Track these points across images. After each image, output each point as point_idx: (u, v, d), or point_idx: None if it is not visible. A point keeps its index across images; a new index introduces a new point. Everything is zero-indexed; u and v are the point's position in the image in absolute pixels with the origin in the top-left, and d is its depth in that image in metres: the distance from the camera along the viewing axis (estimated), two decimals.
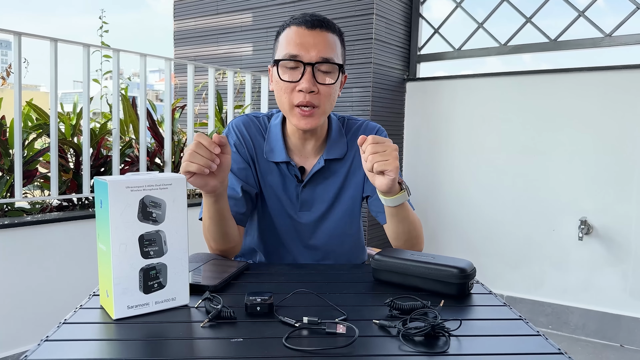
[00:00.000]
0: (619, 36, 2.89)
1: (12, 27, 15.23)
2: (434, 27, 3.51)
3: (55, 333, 0.77)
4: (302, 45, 1.18)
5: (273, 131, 1.32)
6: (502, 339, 0.80)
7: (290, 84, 1.19)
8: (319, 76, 1.19)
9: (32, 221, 2.22)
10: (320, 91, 1.19)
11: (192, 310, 0.87)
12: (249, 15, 3.74)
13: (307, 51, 1.17)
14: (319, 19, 1.21)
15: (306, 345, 0.74)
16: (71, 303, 1.17)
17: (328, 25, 1.21)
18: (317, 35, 1.19)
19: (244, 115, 1.35)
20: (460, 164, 3.37)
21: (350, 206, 1.34)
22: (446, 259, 1.01)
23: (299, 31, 1.19)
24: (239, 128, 1.32)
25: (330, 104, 1.23)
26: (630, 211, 2.81)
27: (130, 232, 0.82)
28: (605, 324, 2.87)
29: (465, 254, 3.32)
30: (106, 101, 3.25)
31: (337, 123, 1.35)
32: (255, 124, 1.34)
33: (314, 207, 1.31)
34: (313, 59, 1.17)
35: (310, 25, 1.19)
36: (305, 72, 1.17)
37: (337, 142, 1.32)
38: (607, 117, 2.86)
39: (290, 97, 1.20)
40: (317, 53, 1.17)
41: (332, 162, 1.31)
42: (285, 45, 1.20)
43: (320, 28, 1.19)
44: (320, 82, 1.19)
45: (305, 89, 1.17)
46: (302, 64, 1.17)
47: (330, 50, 1.19)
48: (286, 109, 1.22)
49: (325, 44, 1.19)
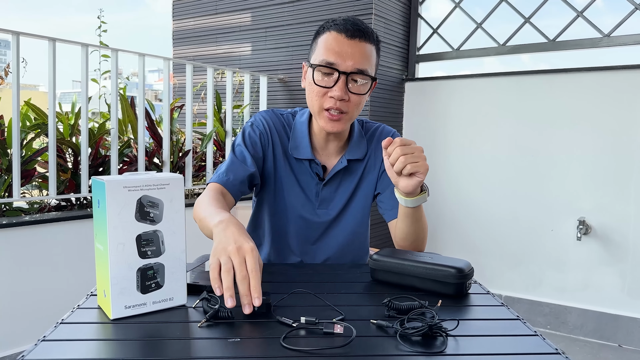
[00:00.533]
0: (618, 36, 2.90)
1: (10, 26, 15.27)
2: (433, 27, 3.51)
3: (53, 333, 0.77)
4: (340, 54, 1.19)
5: (299, 129, 1.34)
6: (499, 339, 0.80)
7: (323, 89, 1.22)
8: (352, 85, 1.21)
9: (30, 221, 2.21)
10: (350, 99, 1.22)
11: (189, 310, 0.87)
12: (248, 15, 3.74)
13: (344, 60, 1.19)
14: (360, 28, 1.22)
15: (304, 345, 0.74)
16: (69, 303, 1.17)
17: (367, 35, 1.23)
18: (355, 45, 1.20)
19: (270, 111, 1.38)
20: (458, 163, 3.37)
21: (363, 204, 1.37)
22: (444, 259, 1.02)
23: (339, 38, 1.21)
24: (266, 120, 1.34)
25: (358, 111, 1.27)
26: (629, 211, 2.81)
27: (128, 232, 0.82)
28: (603, 323, 2.87)
29: (463, 253, 3.32)
30: (105, 101, 3.25)
31: (358, 125, 1.40)
32: (280, 120, 1.36)
33: (331, 205, 1.35)
34: (349, 69, 1.19)
35: (350, 35, 1.20)
36: (340, 80, 1.20)
37: (359, 143, 1.36)
38: (606, 117, 2.87)
39: (321, 101, 1.23)
40: (354, 64, 1.19)
41: (353, 162, 1.35)
42: (324, 51, 1.21)
43: (360, 38, 1.21)
44: (353, 91, 1.21)
45: (337, 96, 1.20)
46: (338, 72, 1.20)
47: (366, 62, 1.22)
48: (315, 111, 1.25)
49: (362, 55, 1.21)
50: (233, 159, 1.29)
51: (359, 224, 1.39)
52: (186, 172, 2.98)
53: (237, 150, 1.30)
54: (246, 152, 1.29)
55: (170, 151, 2.88)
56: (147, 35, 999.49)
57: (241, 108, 3.46)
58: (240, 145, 1.31)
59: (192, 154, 3.01)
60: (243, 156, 1.28)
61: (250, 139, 1.31)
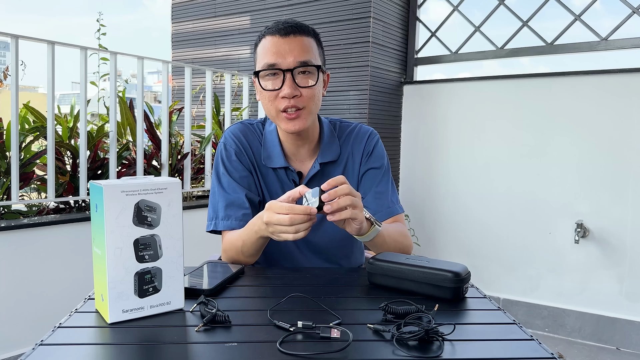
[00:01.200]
0: (615, 40, 2.91)
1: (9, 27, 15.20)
2: (431, 31, 3.52)
3: (50, 337, 0.77)
4: (279, 53, 1.20)
5: (269, 137, 1.34)
6: (495, 344, 0.81)
7: (273, 92, 1.22)
8: (300, 80, 1.21)
9: (29, 224, 2.21)
10: (302, 94, 1.22)
11: (187, 314, 0.88)
12: (247, 18, 3.75)
13: (284, 58, 1.20)
14: (292, 24, 1.23)
15: (300, 350, 0.74)
16: (66, 306, 1.17)
17: (301, 29, 1.23)
18: (292, 41, 1.21)
19: (239, 123, 1.37)
20: (457, 166, 3.38)
21: None
22: (441, 263, 1.02)
23: (274, 40, 1.22)
24: (237, 136, 1.34)
25: (315, 105, 1.25)
26: (626, 214, 2.82)
27: (126, 236, 0.82)
28: (601, 326, 2.88)
29: (461, 256, 3.32)
30: (103, 103, 3.25)
31: (329, 126, 1.37)
32: (251, 131, 1.36)
33: None
34: (291, 65, 1.20)
35: (284, 33, 1.21)
36: (286, 78, 1.20)
37: (330, 145, 1.34)
38: (603, 120, 2.88)
39: (275, 104, 1.22)
40: (294, 58, 1.20)
41: (327, 165, 1.33)
42: (263, 56, 1.22)
43: (294, 34, 1.22)
44: (302, 85, 1.21)
45: (288, 94, 1.20)
46: (282, 71, 1.20)
47: (307, 54, 1.22)
48: (273, 116, 1.25)
49: (301, 48, 1.21)
50: (227, 198, 1.29)
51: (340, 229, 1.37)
52: (185, 174, 2.98)
53: (226, 184, 1.30)
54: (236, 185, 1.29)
55: (169, 154, 2.89)
56: (146, 37, 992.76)
57: (240, 111, 3.47)
58: (224, 175, 1.31)
59: (190, 157, 3.01)
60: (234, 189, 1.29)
61: (231, 165, 1.31)
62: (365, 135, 1.38)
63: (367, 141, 1.37)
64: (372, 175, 1.35)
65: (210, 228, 1.30)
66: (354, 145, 1.36)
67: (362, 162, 1.37)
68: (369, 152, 1.36)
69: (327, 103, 3.35)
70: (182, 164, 2.98)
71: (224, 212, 1.28)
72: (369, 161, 1.36)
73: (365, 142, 1.37)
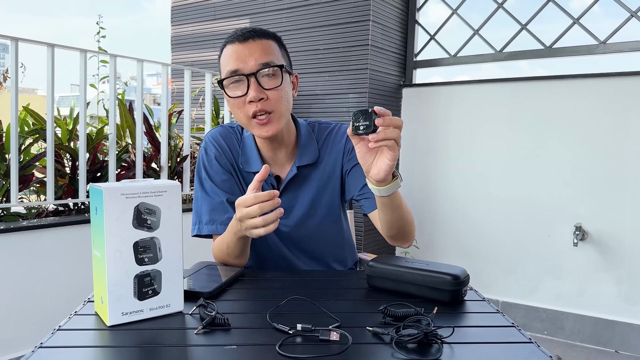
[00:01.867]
0: (613, 43, 2.91)
1: (8, 29, 15.16)
2: (430, 34, 3.53)
3: (50, 339, 0.78)
4: (239, 58, 1.19)
5: (247, 142, 1.33)
6: (494, 346, 0.81)
7: (239, 99, 1.20)
8: (264, 82, 1.19)
9: (28, 226, 2.21)
10: (269, 97, 1.19)
11: (186, 317, 0.88)
12: (246, 21, 3.76)
13: (245, 62, 1.19)
14: (250, 29, 1.22)
15: (300, 353, 0.74)
16: (66, 309, 1.17)
17: (260, 33, 1.23)
18: (251, 46, 1.20)
19: (220, 126, 1.37)
20: (455, 169, 3.38)
21: (329, 211, 1.34)
22: (440, 266, 1.02)
23: (234, 47, 1.21)
24: (217, 139, 1.33)
25: (285, 107, 1.23)
26: (625, 217, 2.82)
27: (125, 238, 0.82)
28: (599, 329, 2.88)
29: (460, 259, 3.32)
30: (103, 106, 3.25)
31: (307, 128, 1.35)
32: (231, 134, 1.35)
33: (291, 215, 1.31)
34: (253, 68, 1.18)
35: (242, 39, 1.20)
36: (250, 82, 1.18)
37: (308, 147, 1.32)
38: (602, 123, 2.88)
39: (244, 110, 1.21)
40: (255, 61, 1.19)
41: (305, 168, 1.31)
42: (225, 64, 1.22)
43: (253, 38, 1.21)
44: (267, 87, 1.19)
45: (254, 97, 1.18)
46: (245, 76, 1.19)
47: (268, 55, 1.20)
48: (245, 123, 1.24)
49: (262, 51, 1.20)
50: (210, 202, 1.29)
51: (330, 229, 1.35)
52: (184, 177, 2.98)
53: (208, 188, 1.30)
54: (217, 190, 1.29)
55: (169, 156, 2.89)
56: (145, 39, 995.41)
57: None
58: (206, 180, 1.31)
59: (190, 159, 3.01)
60: (216, 193, 1.29)
61: (212, 169, 1.31)
62: (344, 134, 1.35)
63: (346, 139, 1.34)
64: (357, 171, 1.31)
65: (195, 232, 1.29)
66: (333, 146, 1.34)
67: (345, 161, 1.33)
68: (350, 149, 1.32)
69: (327, 106, 3.36)
70: (182, 166, 2.98)
71: (208, 217, 1.28)
72: (352, 158, 1.31)
73: (345, 140, 1.34)
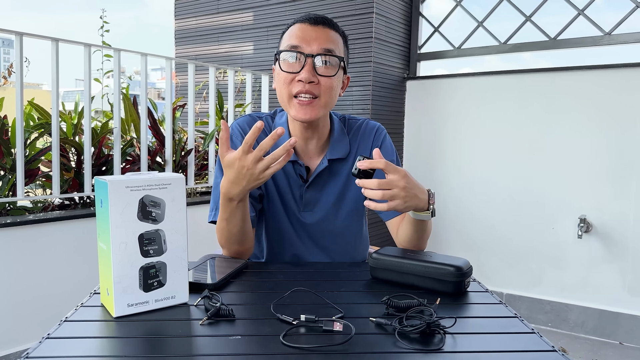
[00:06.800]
0: (618, 35, 2.90)
1: (12, 24, 15.12)
2: (434, 26, 3.51)
3: (57, 331, 0.79)
4: (304, 37, 1.19)
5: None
6: (497, 337, 0.81)
7: (290, 75, 1.19)
8: (320, 68, 1.19)
9: (34, 220, 2.23)
10: (320, 82, 1.19)
11: (191, 308, 0.89)
12: (250, 14, 3.75)
13: (309, 43, 1.19)
14: (323, 17, 1.23)
15: (303, 343, 0.75)
16: (72, 301, 1.18)
17: (331, 23, 1.24)
18: (319, 30, 1.21)
19: (247, 116, 1.35)
20: (459, 162, 3.38)
21: (354, 206, 1.34)
22: (443, 258, 1.02)
23: (302, 26, 1.22)
24: (243, 128, 1.31)
25: (331, 98, 1.22)
26: (629, 209, 2.81)
27: (130, 231, 0.83)
28: (603, 321, 2.88)
29: (464, 251, 3.33)
30: (107, 100, 3.26)
31: (339, 123, 1.35)
32: None
33: (317, 208, 1.31)
34: (314, 51, 1.19)
35: (313, 22, 1.22)
36: (306, 63, 1.18)
37: (340, 141, 1.32)
38: (606, 115, 2.87)
39: (290, 88, 1.20)
40: (319, 45, 1.19)
41: (335, 162, 1.31)
42: (287, 39, 1.22)
43: (324, 25, 1.22)
44: (321, 73, 1.19)
45: (304, 78, 1.17)
46: (303, 55, 1.18)
47: (331, 44, 1.21)
48: (285, 100, 1.22)
49: (327, 39, 1.21)
50: None
51: (353, 225, 1.36)
52: (188, 171, 2.99)
53: None
54: None
55: (173, 150, 2.90)
56: (147, 34, 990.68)
57: (243, 107, 3.47)
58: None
59: (194, 153, 3.02)
60: None
61: None
62: (372, 131, 1.36)
63: (374, 136, 1.36)
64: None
65: (211, 219, 1.27)
66: (361, 142, 1.34)
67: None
68: (377, 146, 1.34)
69: None
70: (186, 160, 2.99)
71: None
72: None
73: (373, 138, 1.35)
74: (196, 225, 2.67)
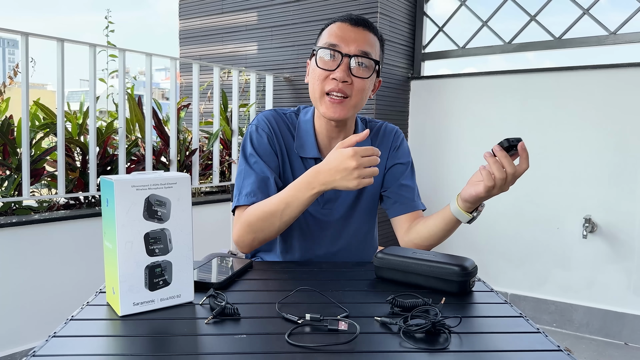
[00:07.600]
0: (624, 34, 2.88)
1: (17, 24, 15.19)
2: (439, 26, 3.51)
3: (63, 329, 0.79)
4: (343, 37, 1.21)
5: (303, 127, 1.33)
6: (502, 336, 0.81)
7: (325, 72, 1.22)
8: (355, 69, 1.22)
9: (40, 219, 2.24)
10: (353, 82, 1.22)
11: (196, 307, 0.89)
12: (254, 14, 3.76)
13: (347, 44, 1.21)
14: (364, 19, 1.25)
15: (308, 342, 0.75)
16: (78, 300, 1.19)
17: (371, 26, 1.26)
18: (358, 32, 1.23)
19: (272, 110, 1.37)
20: (464, 161, 3.37)
21: (370, 204, 1.38)
22: (448, 257, 1.02)
23: (342, 26, 1.24)
24: (270, 120, 1.33)
25: (362, 99, 1.25)
26: (635, 209, 2.80)
27: (136, 230, 0.83)
28: (609, 321, 2.87)
29: (468, 252, 3.32)
30: (112, 100, 3.27)
31: (362, 125, 1.40)
32: (284, 119, 1.35)
33: (336, 206, 1.33)
34: (352, 52, 1.21)
35: (354, 23, 1.23)
36: (342, 62, 1.20)
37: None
38: (611, 114, 2.86)
39: (323, 84, 1.22)
40: (357, 46, 1.21)
41: None
42: (327, 37, 1.24)
43: (364, 27, 1.24)
44: (355, 74, 1.21)
45: (339, 77, 1.20)
46: (340, 55, 1.20)
47: (369, 47, 1.23)
48: (317, 97, 1.24)
49: (365, 41, 1.23)
50: (255, 176, 1.26)
51: (365, 224, 1.39)
52: (193, 170, 3.00)
53: (254, 163, 1.28)
54: (264, 166, 1.27)
55: (177, 150, 2.90)
56: (151, 34, 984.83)
57: (247, 107, 3.48)
58: (253, 155, 1.28)
59: (198, 153, 3.02)
60: (262, 169, 1.27)
61: (261, 147, 1.29)
62: (391, 133, 1.41)
63: (393, 138, 1.40)
64: (398, 169, 1.38)
65: (235, 205, 1.27)
66: (381, 143, 1.38)
67: (389, 157, 1.39)
68: (395, 147, 1.39)
69: None
70: (191, 160, 3.00)
71: (250, 189, 1.25)
72: (395, 156, 1.38)
73: (392, 139, 1.40)
74: (201, 225, 2.68)
